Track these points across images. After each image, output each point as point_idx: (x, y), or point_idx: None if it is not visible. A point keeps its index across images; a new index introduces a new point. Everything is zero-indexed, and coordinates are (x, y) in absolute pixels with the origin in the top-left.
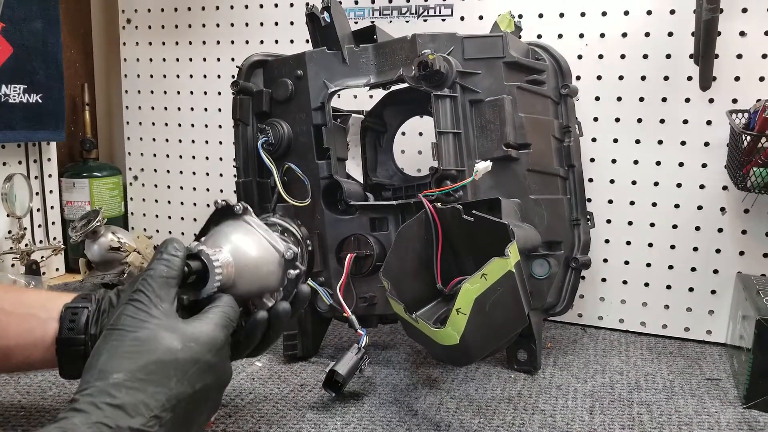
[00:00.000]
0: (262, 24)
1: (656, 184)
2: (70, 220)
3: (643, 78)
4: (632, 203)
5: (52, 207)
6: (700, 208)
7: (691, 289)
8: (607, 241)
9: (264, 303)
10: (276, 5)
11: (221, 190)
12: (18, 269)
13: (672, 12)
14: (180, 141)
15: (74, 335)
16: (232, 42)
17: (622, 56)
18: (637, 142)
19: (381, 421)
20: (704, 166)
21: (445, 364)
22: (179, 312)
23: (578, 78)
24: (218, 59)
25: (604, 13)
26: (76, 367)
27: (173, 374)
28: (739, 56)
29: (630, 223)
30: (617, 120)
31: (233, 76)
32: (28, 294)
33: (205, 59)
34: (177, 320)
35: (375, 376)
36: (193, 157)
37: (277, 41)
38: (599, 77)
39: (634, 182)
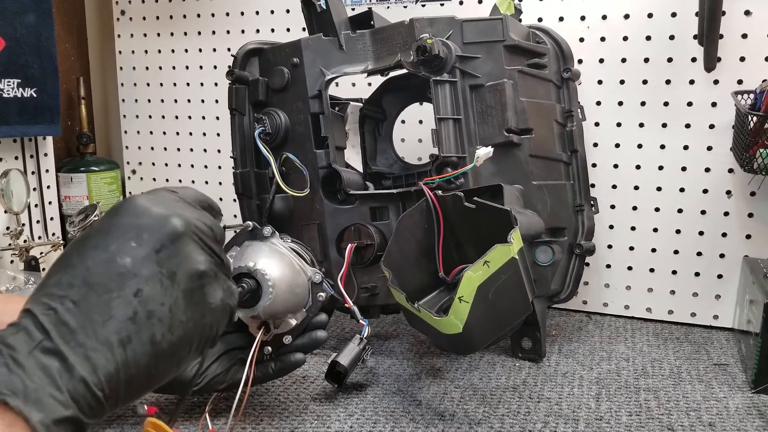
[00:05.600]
0: (257, 13)
1: (661, 168)
2: (68, 216)
3: (647, 60)
4: (636, 188)
5: (50, 202)
6: (705, 191)
7: (697, 274)
8: (611, 226)
9: (287, 322)
10: None
11: (220, 183)
12: (17, 265)
13: None
14: (177, 134)
15: None
16: (228, 32)
17: (625, 38)
18: (641, 125)
19: (384, 411)
20: (709, 148)
21: (449, 354)
22: None
23: (580, 61)
24: (214, 49)
25: None
26: None
27: None
28: (744, 36)
29: (634, 208)
30: (620, 104)
31: (229, 66)
32: None
33: (200, 50)
34: None
35: (378, 366)
36: (191, 150)
37: (273, 30)
38: (601, 60)
39: (638, 166)
